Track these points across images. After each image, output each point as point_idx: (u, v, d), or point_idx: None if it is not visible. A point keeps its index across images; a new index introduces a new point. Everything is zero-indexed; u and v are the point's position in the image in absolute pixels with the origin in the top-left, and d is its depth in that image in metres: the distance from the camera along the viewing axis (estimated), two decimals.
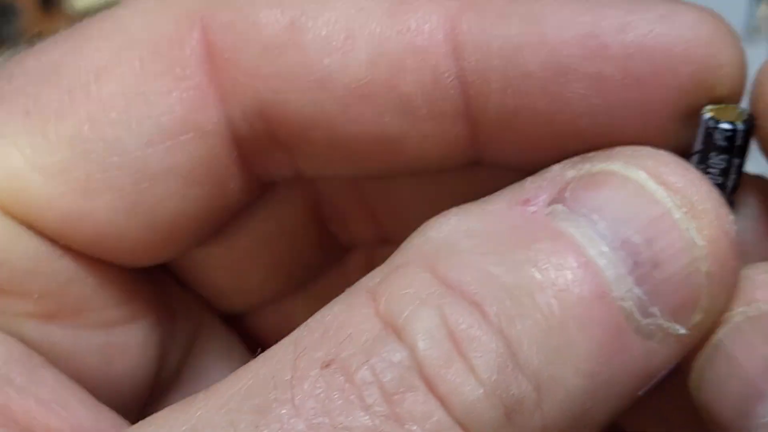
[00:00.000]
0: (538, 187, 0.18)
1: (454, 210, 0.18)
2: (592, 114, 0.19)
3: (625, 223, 0.17)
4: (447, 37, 0.19)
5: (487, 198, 0.18)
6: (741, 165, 0.19)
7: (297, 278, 0.25)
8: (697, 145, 0.19)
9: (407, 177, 0.22)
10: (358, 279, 0.19)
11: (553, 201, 0.18)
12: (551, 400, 0.16)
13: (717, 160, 0.19)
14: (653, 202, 0.18)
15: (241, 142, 0.20)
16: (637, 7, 0.18)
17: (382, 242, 0.25)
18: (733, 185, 0.19)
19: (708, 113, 0.19)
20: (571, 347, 0.17)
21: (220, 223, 0.22)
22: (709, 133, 0.19)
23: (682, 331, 0.17)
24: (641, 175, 0.18)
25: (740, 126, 0.19)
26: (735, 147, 0.19)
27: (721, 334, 0.18)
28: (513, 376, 0.16)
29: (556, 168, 0.18)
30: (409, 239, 0.18)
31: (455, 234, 0.18)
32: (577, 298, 0.17)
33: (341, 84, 0.19)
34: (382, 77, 0.19)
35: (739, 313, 0.18)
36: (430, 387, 0.16)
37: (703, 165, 0.19)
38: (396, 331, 0.16)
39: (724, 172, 0.19)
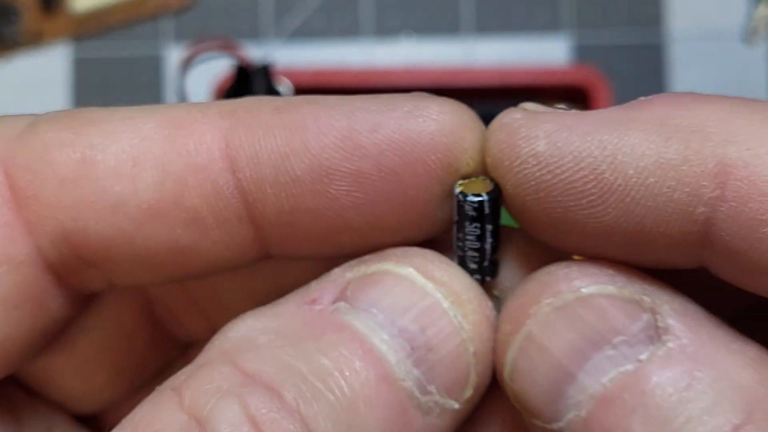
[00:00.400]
0: (322, 288, 0.21)
1: (249, 312, 0.21)
2: (357, 207, 0.21)
3: (401, 314, 0.20)
4: (222, 154, 0.21)
5: (278, 300, 0.21)
6: (495, 228, 0.21)
7: (142, 376, 0.27)
8: (455, 216, 0.21)
9: (225, 273, 0.24)
10: None
11: (337, 299, 0.20)
12: None
13: (471, 228, 0.21)
14: (424, 295, 0.20)
15: (53, 266, 0.22)
16: (386, 108, 0.21)
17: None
18: (491, 247, 0.21)
19: (458, 188, 0.21)
20: (362, 424, 0.19)
21: (48, 337, 0.23)
22: (461, 205, 0.21)
23: (456, 406, 0.20)
24: (411, 272, 0.20)
25: (485, 197, 0.21)
26: (485, 215, 0.21)
27: (531, 325, 0.20)
28: None
29: (337, 271, 0.21)
30: (210, 341, 0.20)
31: (252, 332, 0.20)
32: (365, 380, 0.19)
33: (133, 206, 0.21)
34: (169, 196, 0.21)
35: (546, 304, 0.20)
36: None
37: (461, 233, 0.22)
38: (200, 423, 0.18)
39: (480, 238, 0.21)
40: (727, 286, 0.20)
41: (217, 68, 0.63)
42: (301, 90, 0.63)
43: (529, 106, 0.21)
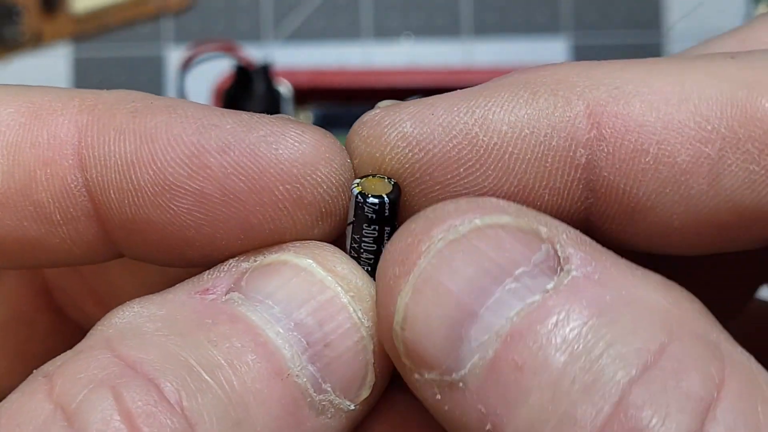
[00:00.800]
0: (215, 278, 0.20)
1: (137, 299, 0.19)
2: (197, 226, 0.20)
3: (298, 307, 0.19)
4: (74, 150, 0.20)
5: (168, 289, 0.20)
6: (392, 230, 0.20)
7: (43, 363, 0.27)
8: (350, 217, 0.20)
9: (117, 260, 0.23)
10: None
11: (230, 290, 0.19)
12: None
13: (370, 230, 0.20)
14: (323, 288, 0.19)
15: None
16: (241, 128, 0.20)
17: None
18: None
19: (356, 188, 0.20)
20: (250, 421, 0.18)
21: None
22: (359, 206, 0.20)
23: (352, 407, 0.19)
24: (310, 263, 0.19)
25: (385, 198, 0.20)
26: (384, 217, 0.20)
27: (423, 263, 0.18)
28: None
29: (232, 261, 0.20)
30: (94, 326, 0.19)
31: (138, 319, 0.19)
32: (256, 374, 0.18)
33: None
34: (17, 186, 0.20)
35: (439, 239, 0.18)
36: None
37: (357, 235, 0.20)
38: (68, 415, 0.17)
39: (377, 240, 0.20)
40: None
41: (217, 69, 0.63)
42: (301, 90, 0.63)
43: (385, 103, 0.21)
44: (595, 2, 0.72)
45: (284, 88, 0.63)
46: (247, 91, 0.61)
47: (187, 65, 0.63)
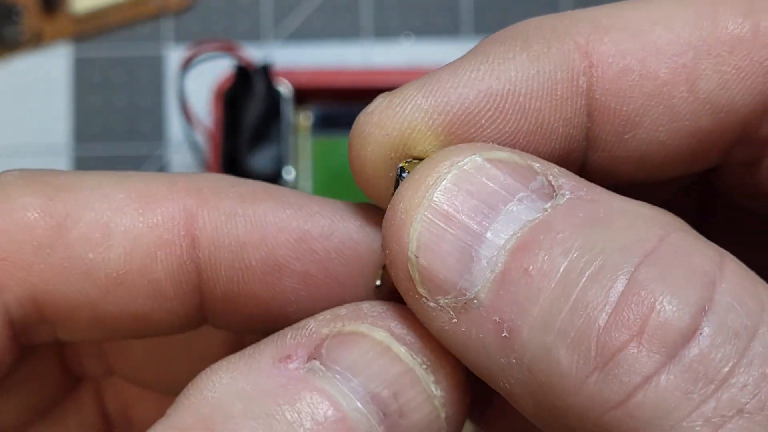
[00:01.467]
0: (297, 344, 0.21)
1: (224, 365, 0.21)
2: (299, 302, 0.23)
3: (374, 380, 0.20)
4: (187, 232, 0.22)
5: (251, 352, 0.21)
6: None
7: (37, 408, 0.27)
8: (392, 192, 0.22)
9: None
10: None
11: (311, 356, 0.20)
12: None
13: None
14: (397, 361, 0.20)
15: (13, 322, 0.22)
16: (340, 216, 0.23)
17: (107, 373, 0.28)
18: None
19: (402, 163, 0.22)
20: None
21: None
22: (398, 181, 0.22)
23: None
24: (386, 336, 0.21)
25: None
26: None
27: (432, 194, 0.20)
28: None
29: (312, 324, 0.21)
30: (185, 396, 0.20)
31: (228, 396, 0.20)
32: None
33: (103, 274, 0.22)
34: (137, 267, 0.22)
35: (444, 173, 0.20)
36: None
37: None
38: None
39: None
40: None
41: (217, 69, 0.63)
42: (301, 90, 0.63)
43: (382, 95, 0.22)
44: (595, 3, 0.73)
45: (284, 88, 0.63)
46: (247, 91, 0.61)
47: (187, 65, 0.63)
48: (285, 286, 0.22)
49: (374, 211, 0.23)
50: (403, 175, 0.21)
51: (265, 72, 0.62)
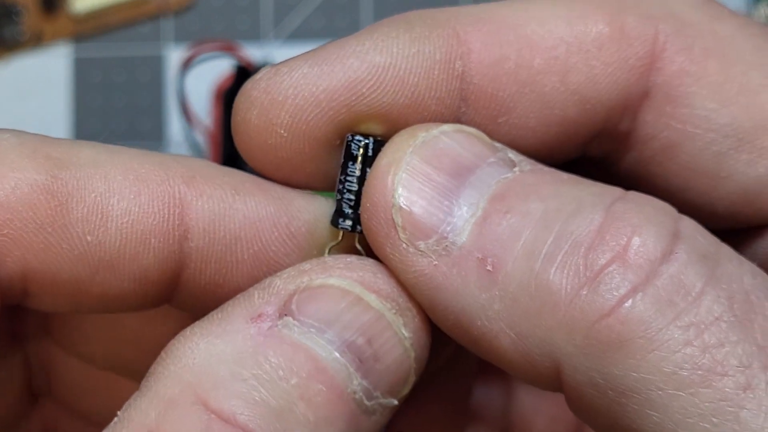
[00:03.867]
0: (266, 302, 0.21)
1: (196, 332, 0.21)
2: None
3: (349, 329, 0.21)
4: (180, 221, 0.23)
5: (221, 316, 0.21)
6: None
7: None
8: (341, 158, 0.23)
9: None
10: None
11: (282, 313, 0.21)
12: None
13: (352, 169, 0.22)
14: (369, 308, 0.21)
15: (1, 296, 0.22)
16: (322, 212, 0.24)
17: (43, 334, 0.28)
18: None
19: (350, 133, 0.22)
20: None
21: None
22: (348, 145, 0.22)
23: (395, 402, 0.22)
24: (356, 286, 0.21)
25: (371, 140, 0.22)
26: (367, 157, 0.22)
27: (416, 149, 0.21)
28: None
29: (278, 282, 0.22)
30: (161, 365, 0.20)
31: (209, 360, 0.20)
32: (325, 402, 0.20)
33: (97, 257, 0.22)
34: (129, 252, 0.22)
35: (422, 136, 0.22)
36: None
37: (343, 175, 0.23)
38: None
39: (359, 180, 0.22)
40: None
41: (217, 68, 0.63)
42: None
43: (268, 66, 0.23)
44: None
45: None
46: None
47: (187, 65, 0.63)
48: (267, 275, 0.23)
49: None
50: (351, 143, 0.22)
51: None
